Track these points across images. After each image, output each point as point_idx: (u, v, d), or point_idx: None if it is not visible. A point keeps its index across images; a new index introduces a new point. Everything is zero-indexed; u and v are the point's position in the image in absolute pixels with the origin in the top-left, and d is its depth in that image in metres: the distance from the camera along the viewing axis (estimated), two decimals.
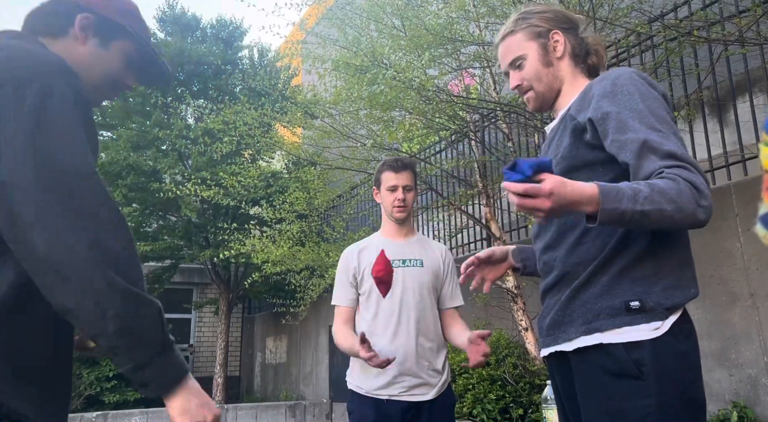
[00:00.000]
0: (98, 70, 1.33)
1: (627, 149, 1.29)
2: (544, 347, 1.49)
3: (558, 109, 1.56)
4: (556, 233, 1.45)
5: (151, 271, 9.85)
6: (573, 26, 1.56)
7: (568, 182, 1.20)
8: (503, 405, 4.21)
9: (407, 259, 2.40)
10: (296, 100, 6.88)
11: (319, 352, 8.80)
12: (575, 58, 1.55)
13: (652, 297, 1.29)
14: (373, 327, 2.34)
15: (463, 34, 4.50)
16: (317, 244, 6.93)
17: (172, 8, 9.88)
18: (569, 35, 1.55)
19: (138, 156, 8.65)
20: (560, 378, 1.48)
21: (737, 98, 4.10)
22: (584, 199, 1.20)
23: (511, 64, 1.57)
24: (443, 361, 2.37)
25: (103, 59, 1.34)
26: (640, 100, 1.32)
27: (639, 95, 1.33)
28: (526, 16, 1.56)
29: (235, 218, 8.97)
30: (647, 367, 1.24)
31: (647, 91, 1.34)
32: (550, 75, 1.53)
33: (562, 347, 1.40)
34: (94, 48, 1.32)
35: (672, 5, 4.31)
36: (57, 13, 1.30)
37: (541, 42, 1.53)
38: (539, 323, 1.53)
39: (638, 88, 1.34)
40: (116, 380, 8.79)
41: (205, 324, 11.72)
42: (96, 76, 1.34)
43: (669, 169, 1.24)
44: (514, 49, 1.56)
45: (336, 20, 5.31)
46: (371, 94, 4.47)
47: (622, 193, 1.20)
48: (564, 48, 1.53)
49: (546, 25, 1.54)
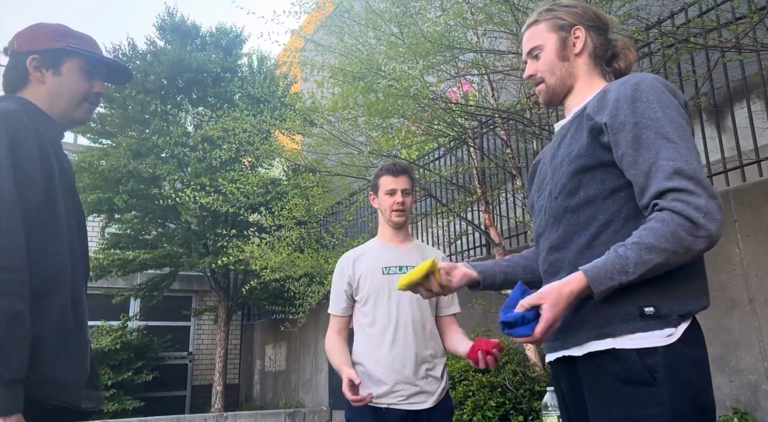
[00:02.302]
0: (66, 95, 1.55)
1: (638, 168, 1.30)
2: (551, 351, 1.46)
3: (569, 106, 1.55)
4: (564, 234, 1.42)
5: (150, 279, 9.84)
6: (601, 26, 1.53)
7: (557, 294, 1.27)
8: (503, 412, 4.20)
9: (404, 266, 2.39)
10: (295, 107, 6.88)
11: (318, 359, 8.78)
12: (595, 57, 1.52)
13: (666, 303, 1.27)
14: (370, 335, 2.33)
15: (461, 41, 4.51)
16: (316, 251, 6.93)
17: (172, 16, 9.90)
18: (593, 33, 1.52)
19: (138, 163, 8.66)
20: (567, 383, 1.45)
21: (735, 104, 4.12)
22: (579, 295, 1.27)
23: (528, 54, 1.56)
24: (442, 369, 2.36)
25: (63, 85, 1.54)
26: (659, 108, 1.30)
27: (658, 103, 1.31)
28: (553, 8, 1.55)
29: (234, 225, 8.97)
30: (660, 374, 1.22)
31: (667, 99, 1.32)
32: (564, 70, 1.52)
33: (571, 352, 1.38)
34: (52, 79, 1.53)
35: (669, 12, 4.33)
36: (15, 68, 1.53)
37: (562, 35, 1.51)
38: None
39: (659, 96, 1.32)
40: (114, 389, 8.75)
41: (204, 331, 11.68)
42: (67, 100, 1.54)
43: (666, 198, 1.25)
44: (535, 39, 1.55)
45: (334, 28, 5.33)
46: (368, 101, 4.48)
47: (611, 271, 1.24)
48: (584, 45, 1.51)
49: (570, 20, 1.51)
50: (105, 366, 8.82)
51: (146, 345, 9.80)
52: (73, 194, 1.53)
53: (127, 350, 9.18)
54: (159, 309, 10.64)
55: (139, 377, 9.18)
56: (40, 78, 1.52)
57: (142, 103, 8.95)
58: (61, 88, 1.54)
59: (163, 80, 9.25)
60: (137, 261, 8.80)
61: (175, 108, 9.26)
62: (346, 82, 4.69)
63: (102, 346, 8.73)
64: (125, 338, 9.23)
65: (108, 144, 9.34)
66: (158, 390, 10.13)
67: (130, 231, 9.29)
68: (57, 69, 1.53)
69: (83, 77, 1.56)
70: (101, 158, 8.73)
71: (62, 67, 1.54)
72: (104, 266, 8.74)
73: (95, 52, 1.60)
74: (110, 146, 9.19)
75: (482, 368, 2.09)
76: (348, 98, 4.68)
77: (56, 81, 1.53)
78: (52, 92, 1.53)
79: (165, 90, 9.32)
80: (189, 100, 9.57)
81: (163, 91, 9.29)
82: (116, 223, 9.24)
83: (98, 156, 8.79)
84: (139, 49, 9.44)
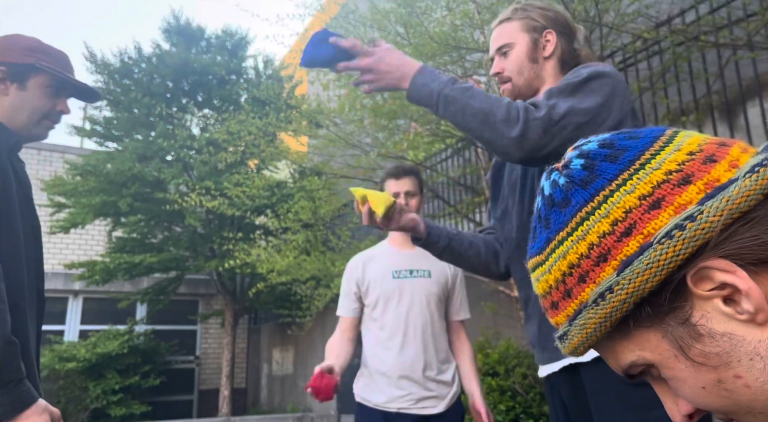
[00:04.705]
0: (27, 110, 1.56)
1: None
2: (553, 361, 1.41)
3: None
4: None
5: (156, 283, 9.82)
6: (570, 33, 1.54)
7: (401, 54, 1.34)
8: (513, 416, 4.14)
9: (414, 270, 2.36)
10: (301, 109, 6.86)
11: None
12: (563, 63, 1.53)
13: None
14: (380, 339, 2.30)
15: (468, 41, 4.48)
16: (323, 254, 6.89)
17: (177, 19, 9.91)
18: (563, 39, 1.52)
19: (143, 166, 8.66)
20: (570, 392, 1.40)
21: (747, 102, 4.05)
22: (407, 67, 1.32)
23: (498, 50, 1.56)
24: (452, 373, 2.33)
25: (25, 100, 1.55)
26: (576, 79, 1.34)
27: (582, 76, 1.34)
28: (527, 8, 1.55)
29: (240, 228, 8.95)
30: None
31: (594, 73, 1.35)
32: (532, 71, 1.51)
33: (580, 358, 1.32)
34: (15, 92, 1.54)
35: (679, 10, 4.28)
36: None
37: (533, 37, 1.51)
38: (536, 333, 1.46)
39: (589, 72, 1.35)
40: (122, 393, 8.75)
41: (210, 335, 11.66)
42: (27, 115, 1.55)
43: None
44: (505, 36, 1.54)
45: (340, 29, 5.30)
46: (374, 104, 4.45)
47: (441, 77, 1.29)
48: (554, 49, 1.51)
49: (543, 22, 1.52)
50: (112, 370, 8.82)
51: (153, 349, 9.79)
52: (30, 206, 1.53)
53: (134, 354, 9.18)
54: (166, 313, 10.63)
55: (147, 381, 9.17)
56: (3, 90, 1.53)
57: (148, 106, 8.95)
58: (23, 103, 1.55)
59: (168, 83, 9.25)
60: (143, 264, 8.78)
61: (181, 111, 9.26)
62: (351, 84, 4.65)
63: (109, 351, 8.73)
64: (132, 342, 9.22)
65: (114, 147, 9.35)
66: (165, 394, 10.12)
67: (137, 235, 9.29)
68: (22, 83, 1.54)
69: (47, 95, 1.57)
70: (107, 161, 8.74)
71: (28, 82, 1.55)
72: (111, 269, 8.72)
73: (65, 70, 1.61)
74: (116, 150, 9.20)
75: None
76: (354, 100, 4.65)
77: (19, 95, 1.54)
78: (13, 105, 1.54)
79: (170, 93, 9.32)
80: (194, 102, 9.57)
81: (168, 94, 9.29)
82: (122, 227, 9.23)
83: (104, 159, 8.80)
84: (144, 52, 9.45)
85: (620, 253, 0.52)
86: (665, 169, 0.53)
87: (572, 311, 0.56)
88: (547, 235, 0.58)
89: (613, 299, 0.52)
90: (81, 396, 8.61)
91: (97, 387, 8.62)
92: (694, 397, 0.52)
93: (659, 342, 0.52)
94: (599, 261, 0.53)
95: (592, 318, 0.54)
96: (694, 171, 0.52)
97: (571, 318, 0.56)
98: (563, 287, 0.56)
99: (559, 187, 0.58)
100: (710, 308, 0.50)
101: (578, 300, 0.55)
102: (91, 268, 8.82)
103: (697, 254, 0.49)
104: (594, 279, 0.53)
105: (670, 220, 0.50)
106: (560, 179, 0.58)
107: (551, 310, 0.59)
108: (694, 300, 0.50)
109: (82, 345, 8.80)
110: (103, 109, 9.39)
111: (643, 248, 0.50)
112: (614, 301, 0.52)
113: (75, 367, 8.42)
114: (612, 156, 0.56)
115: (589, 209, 0.54)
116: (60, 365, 8.36)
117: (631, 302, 0.51)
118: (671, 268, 0.50)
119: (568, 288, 0.55)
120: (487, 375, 4.34)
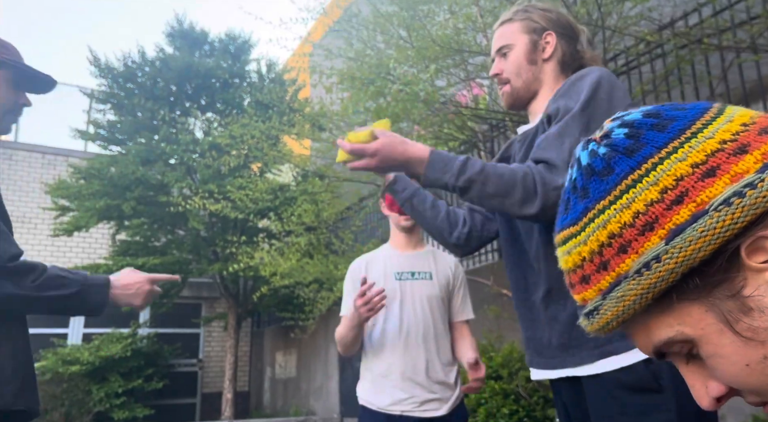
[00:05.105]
0: None
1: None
2: (549, 368, 1.40)
3: (533, 112, 1.54)
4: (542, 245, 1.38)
5: (159, 286, 9.81)
6: (572, 35, 1.53)
7: (403, 143, 1.31)
8: (517, 420, 4.13)
9: (416, 272, 2.36)
10: (304, 112, 6.87)
11: (328, 366, 8.73)
12: (563, 65, 1.51)
13: None
14: (382, 341, 2.30)
15: (471, 44, 4.48)
16: (326, 257, 6.89)
17: (181, 23, 9.94)
18: (564, 41, 1.52)
19: (146, 170, 8.67)
20: (570, 395, 1.40)
21: (750, 105, 4.05)
22: (414, 161, 1.31)
23: (498, 51, 1.55)
24: (455, 376, 2.32)
25: None
26: (581, 98, 1.32)
27: (590, 88, 1.33)
28: (528, 9, 1.54)
29: (243, 231, 8.95)
30: (665, 380, 1.19)
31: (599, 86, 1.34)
32: (531, 73, 1.51)
33: (576, 371, 1.32)
34: None
35: (682, 12, 4.28)
36: None
37: (533, 38, 1.51)
38: (533, 339, 1.44)
39: (593, 85, 1.33)
40: (125, 396, 8.74)
41: (214, 338, 11.66)
42: None
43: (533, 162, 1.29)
44: (505, 37, 1.54)
45: (343, 32, 5.31)
46: (378, 106, 4.45)
47: (451, 165, 1.27)
48: (553, 51, 1.50)
49: (543, 24, 1.51)
50: (115, 373, 8.82)
51: (156, 352, 9.79)
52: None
53: (138, 357, 9.17)
54: (169, 317, 10.62)
55: (150, 384, 9.17)
56: None
57: (152, 109, 8.97)
58: None
59: (171, 86, 9.27)
60: (147, 267, 8.78)
61: (184, 114, 9.27)
62: (354, 87, 4.66)
63: (112, 354, 8.73)
64: (135, 345, 9.22)
65: (117, 151, 9.37)
66: (168, 397, 10.11)
67: (140, 238, 9.30)
68: None
69: (10, 88, 1.53)
70: (110, 165, 8.76)
71: None
72: (114, 272, 8.73)
73: (21, 63, 1.57)
74: (119, 153, 9.22)
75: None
76: (357, 103, 4.65)
77: None
78: None
79: (174, 96, 9.34)
80: (198, 106, 9.58)
81: (172, 98, 9.31)
82: (125, 230, 9.25)
83: (108, 163, 8.82)
84: (148, 56, 9.48)
85: (669, 222, 0.49)
86: (719, 138, 0.51)
87: (607, 284, 0.53)
88: (584, 205, 0.55)
89: (660, 269, 0.49)
90: (84, 400, 8.61)
91: (100, 391, 8.62)
92: (736, 375, 0.50)
93: (703, 315, 0.50)
94: (644, 231, 0.50)
95: (633, 289, 0.51)
96: (750, 141, 0.50)
97: (606, 291, 0.53)
98: (599, 259, 0.53)
99: (599, 157, 0.55)
100: (762, 281, 0.48)
101: (615, 272, 0.52)
102: (95, 271, 8.83)
103: (755, 223, 0.48)
104: (636, 249, 0.51)
105: (727, 188, 0.48)
106: (600, 149, 0.56)
107: (580, 285, 0.56)
108: (747, 272, 0.48)
109: (85, 349, 8.80)
110: (107, 112, 9.43)
111: (696, 216, 0.48)
112: (661, 271, 0.49)
113: (78, 370, 8.42)
114: (659, 125, 0.54)
115: (636, 177, 0.52)
116: (63, 368, 8.37)
117: (680, 272, 0.49)
118: (727, 237, 0.48)
119: (605, 259, 0.53)
120: (490, 379, 4.33)
